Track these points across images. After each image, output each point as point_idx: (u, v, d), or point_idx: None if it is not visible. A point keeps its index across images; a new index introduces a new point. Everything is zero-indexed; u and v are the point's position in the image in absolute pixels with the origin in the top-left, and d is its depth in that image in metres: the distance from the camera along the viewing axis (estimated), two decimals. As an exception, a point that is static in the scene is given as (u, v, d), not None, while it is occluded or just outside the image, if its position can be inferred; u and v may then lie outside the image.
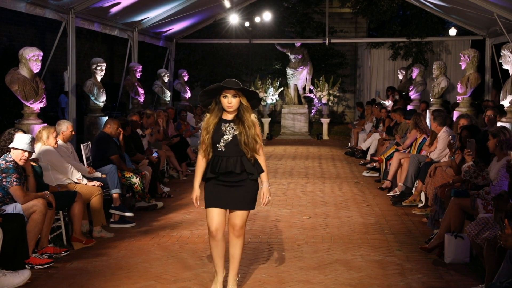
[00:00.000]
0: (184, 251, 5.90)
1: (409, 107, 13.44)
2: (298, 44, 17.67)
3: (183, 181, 10.13)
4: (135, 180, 7.54)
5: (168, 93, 14.03)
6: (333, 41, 17.42)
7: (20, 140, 5.43)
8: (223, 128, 4.41)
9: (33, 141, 5.55)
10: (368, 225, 7.00)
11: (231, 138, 4.38)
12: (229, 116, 4.44)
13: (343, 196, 8.82)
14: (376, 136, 12.02)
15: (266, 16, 17.04)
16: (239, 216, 4.50)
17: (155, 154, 8.90)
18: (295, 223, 7.08)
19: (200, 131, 4.82)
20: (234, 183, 4.43)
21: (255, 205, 4.55)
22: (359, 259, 5.63)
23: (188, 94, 15.38)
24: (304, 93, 17.89)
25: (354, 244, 6.14)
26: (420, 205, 7.79)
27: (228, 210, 4.54)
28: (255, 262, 5.53)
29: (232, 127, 4.41)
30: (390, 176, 9.04)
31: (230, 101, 4.37)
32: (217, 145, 4.40)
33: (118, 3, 10.28)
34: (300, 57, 17.59)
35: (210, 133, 4.40)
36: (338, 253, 5.81)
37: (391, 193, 8.68)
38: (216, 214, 4.47)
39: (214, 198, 4.47)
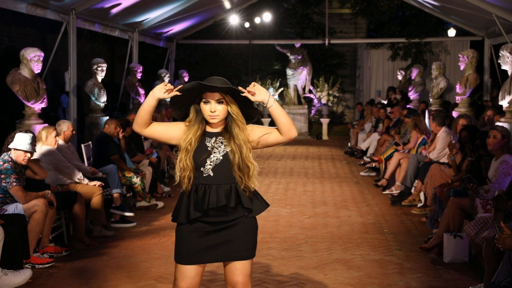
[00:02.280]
0: (184, 250, 5.92)
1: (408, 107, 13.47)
2: (298, 45, 17.70)
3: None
4: (136, 180, 7.59)
5: (169, 94, 14.03)
6: (332, 41, 17.44)
7: (21, 141, 5.32)
8: (208, 145, 3.09)
9: (34, 140, 5.46)
10: (368, 224, 7.03)
11: (221, 157, 3.07)
12: (214, 128, 3.15)
13: (342, 195, 8.85)
14: (375, 136, 12.05)
15: (266, 17, 17.09)
16: (240, 269, 3.12)
17: (155, 155, 8.93)
18: (295, 223, 7.11)
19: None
20: (225, 223, 3.08)
21: (255, 252, 3.18)
22: (359, 258, 5.66)
23: (189, 94, 15.40)
24: (304, 93, 17.93)
25: (354, 244, 6.16)
26: (419, 204, 7.81)
27: (223, 264, 3.19)
28: (255, 262, 5.54)
29: (222, 142, 3.10)
30: (387, 175, 9.06)
31: (213, 109, 3.04)
32: (202, 169, 3.07)
33: (119, 4, 10.29)
34: (300, 57, 17.63)
35: (191, 152, 3.07)
36: (338, 253, 5.84)
37: (387, 191, 8.73)
38: (191, 271, 3.11)
39: (193, 250, 3.09)
